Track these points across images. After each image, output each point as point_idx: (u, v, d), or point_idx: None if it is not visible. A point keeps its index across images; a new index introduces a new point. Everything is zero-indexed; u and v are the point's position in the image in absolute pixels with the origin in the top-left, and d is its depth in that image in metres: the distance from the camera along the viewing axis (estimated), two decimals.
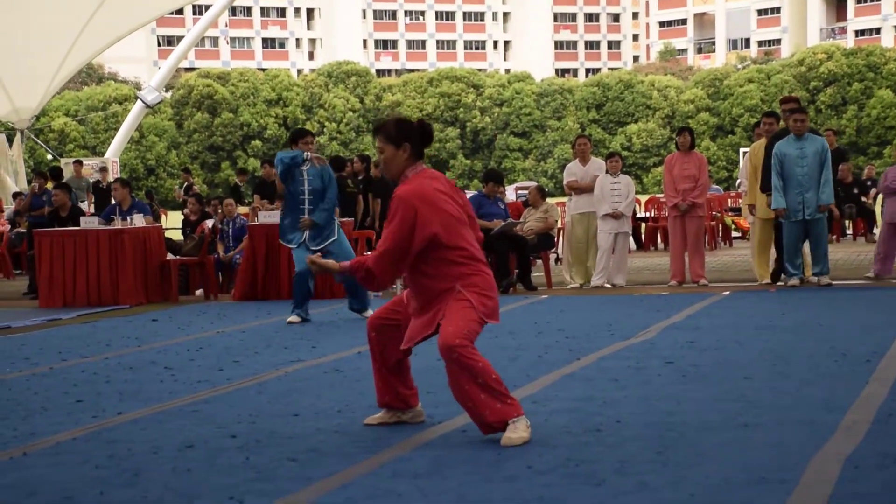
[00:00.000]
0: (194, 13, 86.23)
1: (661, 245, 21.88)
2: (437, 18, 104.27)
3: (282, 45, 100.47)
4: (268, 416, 6.62)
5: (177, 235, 20.03)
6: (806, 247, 13.68)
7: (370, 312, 11.60)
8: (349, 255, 11.85)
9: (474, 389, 5.64)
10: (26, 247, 18.23)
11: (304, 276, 11.66)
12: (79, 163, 28.68)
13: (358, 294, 11.85)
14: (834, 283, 13.49)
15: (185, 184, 28.23)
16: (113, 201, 15.54)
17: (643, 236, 22.30)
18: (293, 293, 11.86)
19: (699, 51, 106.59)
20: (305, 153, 11.74)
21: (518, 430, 5.64)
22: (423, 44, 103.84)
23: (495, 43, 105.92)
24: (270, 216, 14.37)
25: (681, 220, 14.35)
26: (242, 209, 19.31)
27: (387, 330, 6.09)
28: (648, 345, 9.09)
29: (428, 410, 6.56)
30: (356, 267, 5.89)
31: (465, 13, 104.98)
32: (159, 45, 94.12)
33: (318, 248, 11.73)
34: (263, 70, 76.87)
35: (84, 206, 24.90)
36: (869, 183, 24.34)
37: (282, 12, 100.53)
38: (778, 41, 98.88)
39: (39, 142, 47.21)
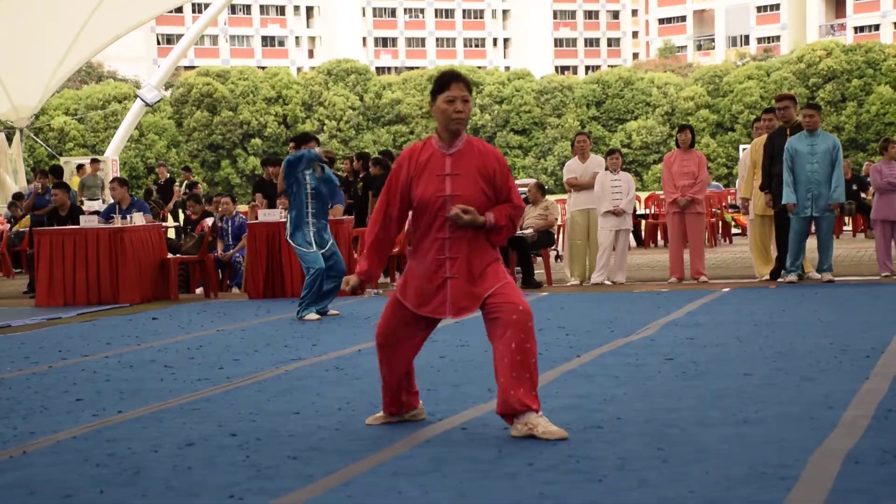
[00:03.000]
0: (194, 11, 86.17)
1: (660, 242, 21.90)
2: (436, 16, 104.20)
3: (281, 44, 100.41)
4: (268, 414, 6.61)
5: (171, 234, 20.03)
6: (807, 243, 13.70)
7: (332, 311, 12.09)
8: (342, 261, 12.26)
9: (528, 364, 5.66)
10: (26, 245, 18.23)
11: (321, 275, 11.77)
12: (95, 161, 28.95)
13: (327, 297, 12.03)
14: (835, 279, 13.50)
15: (186, 182, 28.30)
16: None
17: (643, 233, 22.33)
18: (308, 291, 11.87)
19: (699, 48, 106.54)
20: (312, 150, 11.88)
21: (551, 425, 5.67)
22: (422, 41, 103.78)
23: (495, 40, 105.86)
24: (270, 215, 14.40)
25: (680, 216, 14.36)
26: (242, 207, 19.30)
27: (396, 335, 5.96)
28: (648, 341, 9.10)
29: (428, 408, 6.56)
30: (499, 217, 5.79)
31: (464, 10, 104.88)
32: (159, 43, 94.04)
33: (326, 250, 12.00)
34: (263, 68, 76.77)
35: (98, 203, 24.98)
36: (868, 179, 24.33)
37: (281, 10, 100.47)
38: (777, 38, 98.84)
39: (39, 140, 47.20)
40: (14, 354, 9.78)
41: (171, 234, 21.95)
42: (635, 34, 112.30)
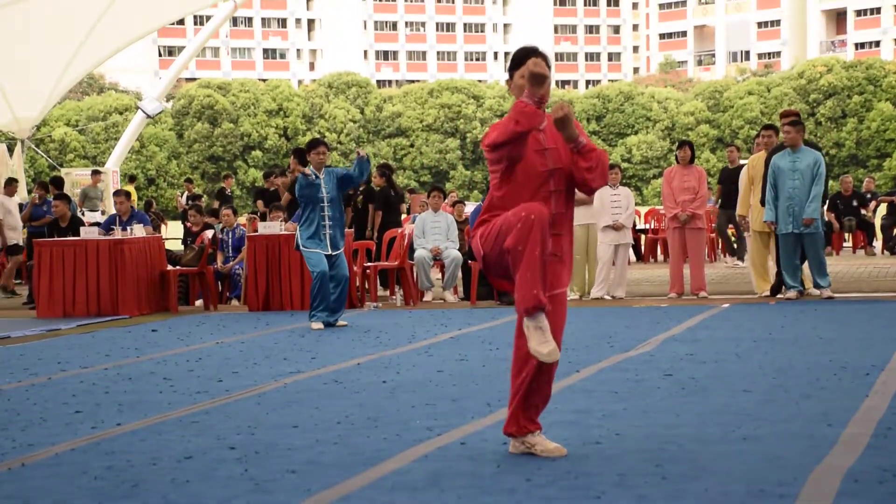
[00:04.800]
0: (196, 24, 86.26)
1: (660, 257, 21.89)
2: (437, 29, 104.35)
3: (282, 56, 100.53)
4: (267, 427, 6.61)
5: (176, 246, 20.04)
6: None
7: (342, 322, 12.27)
8: (346, 267, 12.39)
9: (542, 392, 5.67)
10: (26, 257, 18.23)
11: (324, 278, 11.88)
12: (97, 172, 29.04)
13: (338, 310, 12.22)
14: (835, 296, 13.49)
15: (188, 194, 28.42)
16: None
17: (643, 248, 22.33)
18: (312, 296, 12.09)
19: (699, 63, 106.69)
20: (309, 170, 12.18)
21: (549, 443, 5.69)
22: (423, 55, 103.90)
23: (495, 54, 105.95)
24: (270, 227, 14.41)
25: (680, 231, 14.36)
26: (242, 220, 19.30)
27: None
28: (648, 357, 9.09)
29: (427, 423, 6.56)
30: (590, 146, 5.56)
31: (465, 24, 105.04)
32: (160, 55, 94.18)
33: (336, 252, 12.16)
34: (264, 80, 76.93)
35: (97, 214, 25.02)
36: (869, 195, 24.36)
37: (283, 23, 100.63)
38: (778, 54, 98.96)
39: (40, 151, 47.23)
40: (13, 366, 9.77)
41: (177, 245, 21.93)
42: (636, 49, 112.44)
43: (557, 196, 5.61)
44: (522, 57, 5.57)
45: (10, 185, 19.99)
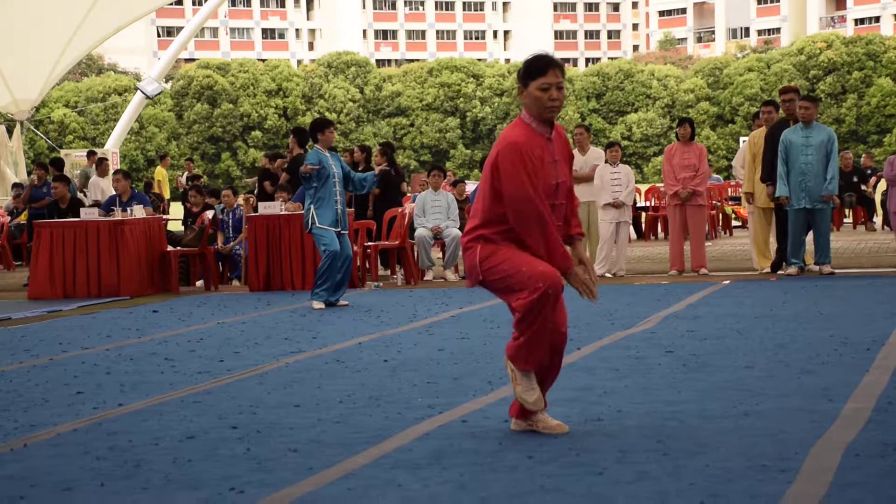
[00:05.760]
0: (194, 4, 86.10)
1: (661, 234, 21.90)
2: (436, 8, 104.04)
3: (281, 36, 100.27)
4: (268, 406, 6.62)
5: (176, 226, 20.05)
6: (808, 235, 13.69)
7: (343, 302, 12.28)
8: (350, 247, 12.44)
9: (549, 377, 5.68)
10: (27, 238, 18.24)
11: (335, 256, 11.92)
12: (92, 154, 29.04)
13: (342, 288, 12.26)
14: (836, 271, 13.50)
15: (188, 174, 28.42)
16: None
17: (643, 226, 22.33)
18: (318, 274, 12.11)
19: (699, 40, 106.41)
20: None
21: (551, 420, 5.71)
22: (422, 34, 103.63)
23: (495, 33, 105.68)
24: (270, 207, 14.40)
25: (681, 209, 14.35)
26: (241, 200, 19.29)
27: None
28: (649, 334, 9.10)
29: (429, 401, 6.57)
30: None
31: (464, 3, 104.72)
32: (159, 35, 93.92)
33: (345, 231, 12.26)
34: (263, 60, 76.75)
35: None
36: (869, 171, 24.34)
37: (281, 2, 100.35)
38: (777, 30, 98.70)
39: (39, 133, 47.19)
40: (14, 347, 9.79)
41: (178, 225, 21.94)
42: (635, 26, 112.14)
43: (559, 209, 5.60)
44: (540, 66, 5.48)
45: (102, 164, 20.68)
